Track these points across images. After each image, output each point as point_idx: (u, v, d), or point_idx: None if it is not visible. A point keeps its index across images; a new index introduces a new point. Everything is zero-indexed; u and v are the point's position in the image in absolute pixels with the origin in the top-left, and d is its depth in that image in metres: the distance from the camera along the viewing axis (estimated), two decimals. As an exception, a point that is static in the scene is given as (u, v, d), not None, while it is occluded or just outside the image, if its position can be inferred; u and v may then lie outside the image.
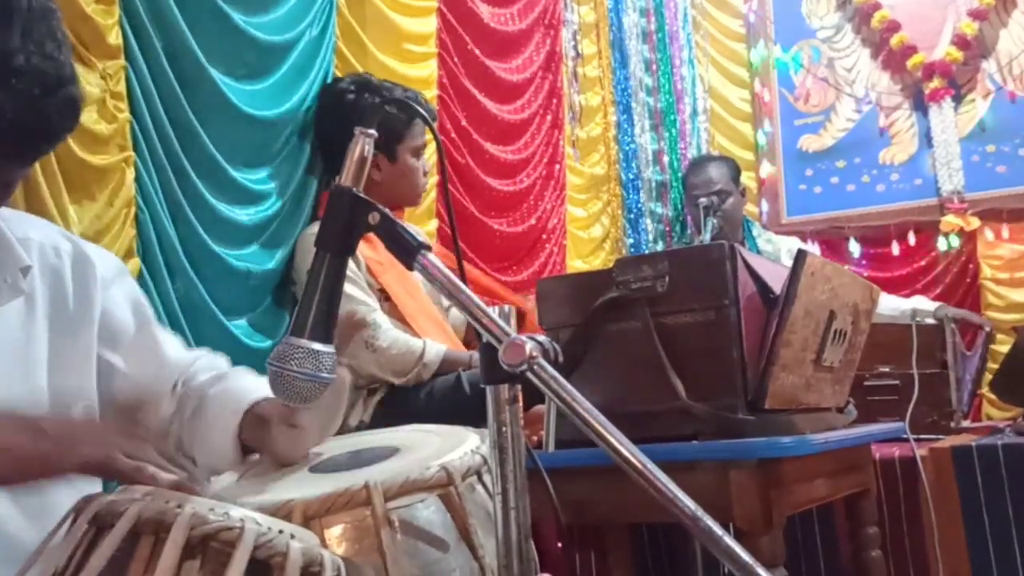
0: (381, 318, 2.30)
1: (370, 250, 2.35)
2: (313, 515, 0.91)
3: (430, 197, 2.94)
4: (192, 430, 1.27)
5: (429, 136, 2.60)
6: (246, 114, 2.35)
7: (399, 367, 2.28)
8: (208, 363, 1.37)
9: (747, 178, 4.01)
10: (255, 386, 1.24)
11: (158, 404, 1.31)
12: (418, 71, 3.04)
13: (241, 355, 1.44)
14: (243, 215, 2.36)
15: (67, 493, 0.99)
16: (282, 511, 0.91)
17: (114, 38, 2.01)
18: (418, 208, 2.82)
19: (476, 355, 2.29)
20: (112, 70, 2.00)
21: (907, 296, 3.64)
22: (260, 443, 1.19)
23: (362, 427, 2.29)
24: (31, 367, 1.16)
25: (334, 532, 0.92)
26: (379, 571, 0.90)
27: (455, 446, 1.03)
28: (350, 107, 2.48)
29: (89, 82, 1.93)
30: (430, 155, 2.69)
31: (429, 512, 0.95)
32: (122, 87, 2.02)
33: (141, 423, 1.34)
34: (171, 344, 1.38)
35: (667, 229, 4.43)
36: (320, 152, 2.60)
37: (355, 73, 2.68)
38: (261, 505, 0.91)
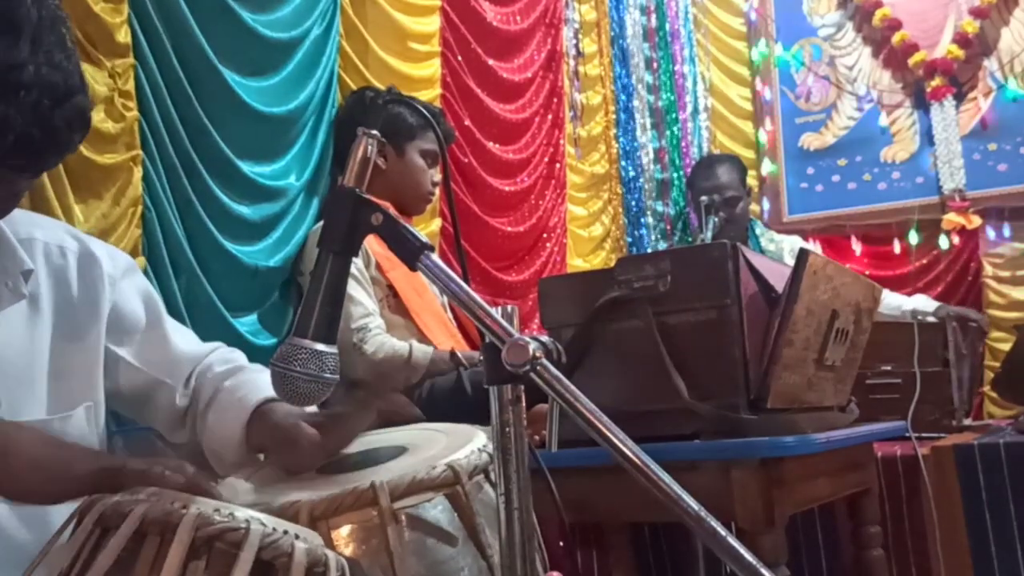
0: (373, 322, 2.31)
1: (380, 246, 2.36)
2: (320, 516, 0.91)
3: (433, 196, 2.94)
4: (204, 421, 1.27)
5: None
6: (255, 111, 2.35)
7: (386, 371, 2.29)
8: (223, 356, 1.37)
9: (749, 177, 4.00)
10: (267, 384, 1.24)
11: (170, 397, 1.31)
12: (421, 71, 3.04)
13: (246, 353, 1.43)
14: (253, 211, 2.35)
15: None
16: (289, 512, 0.91)
17: (123, 36, 2.00)
18: (422, 210, 2.82)
19: (459, 354, 2.31)
20: (121, 68, 2.00)
21: (909, 295, 3.64)
22: (265, 445, 1.19)
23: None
24: (32, 371, 1.15)
25: (341, 532, 0.92)
26: (386, 571, 0.90)
27: (462, 445, 1.03)
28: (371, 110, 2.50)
29: (97, 81, 1.93)
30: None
31: (436, 511, 0.95)
32: (131, 85, 2.02)
33: (150, 416, 1.34)
34: (184, 337, 1.37)
35: (668, 228, 4.43)
36: (338, 154, 2.62)
37: (388, 87, 2.72)
38: (268, 506, 0.91)
